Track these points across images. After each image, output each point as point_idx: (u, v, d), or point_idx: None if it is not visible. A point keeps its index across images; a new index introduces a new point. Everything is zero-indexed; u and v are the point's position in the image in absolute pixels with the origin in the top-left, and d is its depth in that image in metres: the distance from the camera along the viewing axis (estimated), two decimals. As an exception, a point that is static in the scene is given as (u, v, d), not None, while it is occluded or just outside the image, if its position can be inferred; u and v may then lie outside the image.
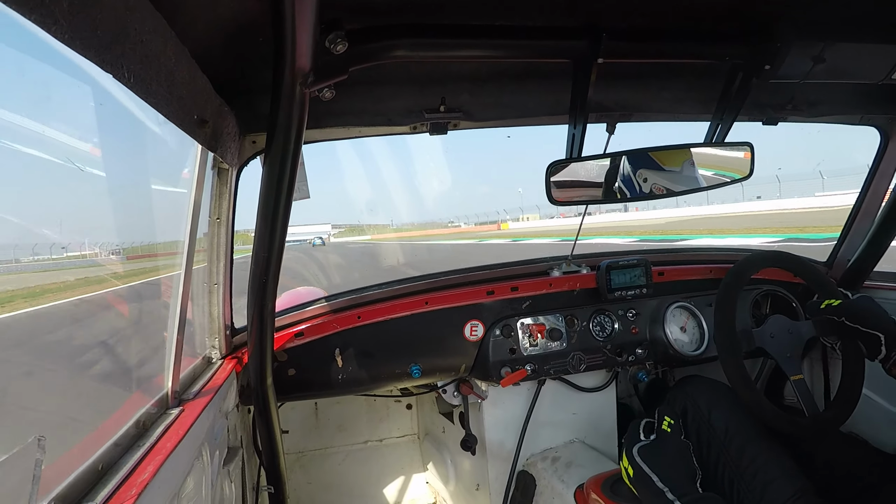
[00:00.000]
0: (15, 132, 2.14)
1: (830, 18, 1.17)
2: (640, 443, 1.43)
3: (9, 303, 8.44)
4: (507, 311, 1.82)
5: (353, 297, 1.80)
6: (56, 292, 10.00)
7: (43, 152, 2.54)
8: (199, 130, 1.01)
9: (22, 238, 12.09)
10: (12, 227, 6.71)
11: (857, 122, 1.77)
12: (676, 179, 1.42)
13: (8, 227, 6.45)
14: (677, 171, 1.41)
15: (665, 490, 1.28)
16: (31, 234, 15.04)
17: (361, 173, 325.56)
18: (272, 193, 1.07)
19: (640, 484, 1.35)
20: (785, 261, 1.71)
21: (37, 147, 2.83)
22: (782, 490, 1.25)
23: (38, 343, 5.76)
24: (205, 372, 1.44)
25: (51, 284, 10.69)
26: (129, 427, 0.99)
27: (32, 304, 8.54)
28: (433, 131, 1.45)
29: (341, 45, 0.90)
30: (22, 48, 0.93)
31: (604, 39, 1.10)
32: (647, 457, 1.37)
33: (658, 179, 1.41)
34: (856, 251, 1.95)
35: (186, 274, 1.23)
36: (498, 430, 1.93)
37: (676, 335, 1.81)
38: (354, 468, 2.42)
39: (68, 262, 11.72)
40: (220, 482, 1.31)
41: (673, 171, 1.42)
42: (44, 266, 11.50)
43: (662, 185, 1.42)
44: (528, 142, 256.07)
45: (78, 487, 0.79)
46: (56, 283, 10.81)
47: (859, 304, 1.39)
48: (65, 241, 11.11)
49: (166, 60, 0.77)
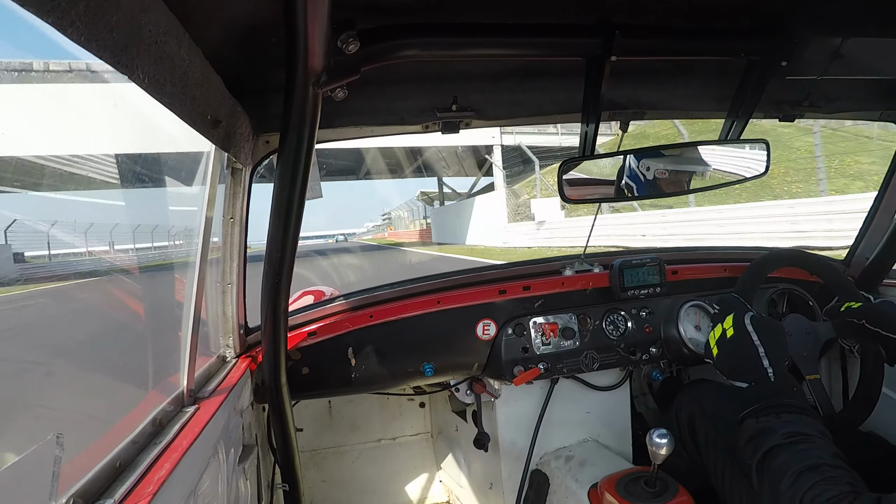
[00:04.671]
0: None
1: (848, 13, 1.15)
2: (751, 312, 1.29)
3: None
4: (519, 310, 1.82)
5: (366, 297, 1.81)
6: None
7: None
8: (212, 131, 1.01)
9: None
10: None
11: (876, 118, 1.73)
12: (690, 177, 1.40)
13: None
14: (691, 168, 1.40)
15: (762, 354, 1.17)
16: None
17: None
18: (285, 193, 1.07)
19: (734, 344, 1.23)
20: (803, 259, 1.68)
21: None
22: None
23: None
24: (219, 370, 1.46)
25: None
26: (145, 424, 1.00)
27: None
28: (445, 130, 1.45)
29: (353, 45, 0.91)
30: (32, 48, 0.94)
31: (617, 37, 1.09)
32: (759, 326, 1.24)
33: (671, 177, 1.40)
34: (875, 249, 1.91)
35: (200, 274, 1.24)
36: (511, 429, 1.92)
37: (691, 334, 1.80)
38: (368, 466, 2.43)
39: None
40: (235, 480, 1.32)
41: (687, 169, 1.40)
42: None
43: (676, 182, 1.41)
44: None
45: (96, 484, 0.80)
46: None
47: (880, 308, 1.37)
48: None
49: (180, 61, 0.78)
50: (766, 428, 1.05)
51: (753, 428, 1.07)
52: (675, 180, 1.40)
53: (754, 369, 1.15)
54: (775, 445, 1.00)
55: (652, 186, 1.38)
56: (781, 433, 1.02)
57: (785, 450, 0.99)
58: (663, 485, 1.42)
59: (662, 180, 1.38)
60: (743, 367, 1.18)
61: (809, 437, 1.00)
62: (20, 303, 10.10)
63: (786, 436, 1.01)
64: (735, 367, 1.20)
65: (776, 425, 1.04)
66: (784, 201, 10.61)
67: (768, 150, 1.41)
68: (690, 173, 1.40)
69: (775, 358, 1.16)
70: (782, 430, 1.02)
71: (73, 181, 12.18)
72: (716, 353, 1.27)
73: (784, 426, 1.03)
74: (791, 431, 1.01)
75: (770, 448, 1.01)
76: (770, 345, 1.18)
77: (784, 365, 1.18)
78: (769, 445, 1.01)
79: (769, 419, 1.06)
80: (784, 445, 0.99)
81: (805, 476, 0.92)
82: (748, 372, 1.16)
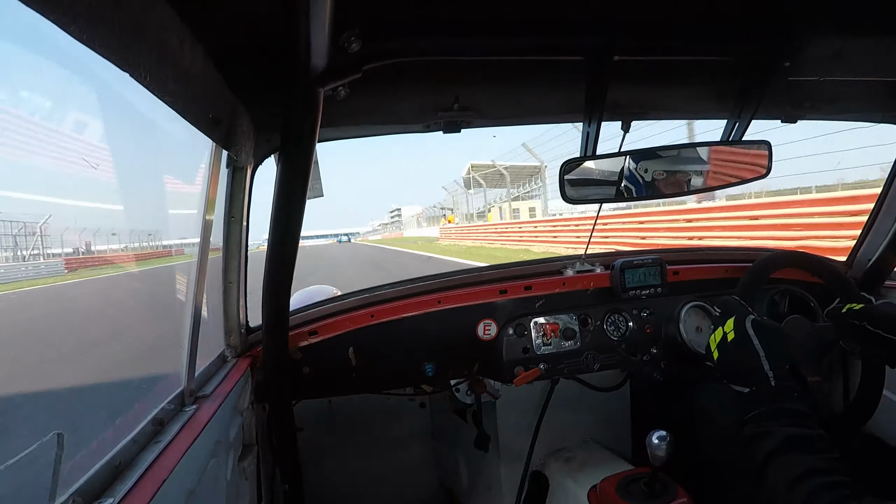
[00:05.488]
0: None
1: (850, 14, 1.15)
2: (752, 316, 1.27)
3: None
4: (520, 311, 1.82)
5: (366, 297, 1.81)
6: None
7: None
8: (214, 129, 1.01)
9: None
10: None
11: (878, 119, 1.73)
12: (692, 178, 1.40)
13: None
14: (693, 169, 1.40)
15: (763, 358, 1.15)
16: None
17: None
18: (286, 192, 1.07)
19: (735, 347, 1.22)
20: (804, 261, 1.68)
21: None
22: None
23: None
24: (220, 370, 1.46)
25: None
26: (145, 424, 1.00)
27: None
28: (446, 130, 1.45)
29: (355, 44, 0.91)
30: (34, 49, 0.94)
31: (619, 37, 1.09)
32: (760, 330, 1.23)
33: (673, 178, 1.39)
34: (876, 250, 1.91)
35: (201, 273, 1.24)
36: (511, 430, 1.92)
37: (692, 335, 1.79)
38: (368, 466, 2.43)
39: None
40: (235, 479, 1.32)
41: (688, 170, 1.40)
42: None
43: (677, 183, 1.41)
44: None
45: (97, 483, 0.80)
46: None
47: (882, 310, 1.36)
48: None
49: (182, 60, 0.78)
50: (767, 433, 1.04)
51: (753, 432, 1.07)
52: (676, 181, 1.40)
53: (755, 374, 1.15)
54: (775, 450, 1.00)
55: (653, 187, 1.38)
56: (781, 438, 1.01)
57: (785, 454, 0.99)
58: (662, 486, 1.42)
59: (663, 181, 1.38)
60: (743, 372, 1.17)
61: (810, 441, 0.99)
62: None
63: (786, 440, 1.00)
64: (735, 372, 1.20)
65: (776, 430, 1.04)
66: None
67: (770, 151, 1.41)
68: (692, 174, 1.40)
69: (776, 362, 1.15)
70: (782, 435, 1.02)
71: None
72: (716, 356, 1.26)
73: (784, 431, 1.03)
74: (791, 436, 1.01)
75: (770, 453, 1.01)
76: (771, 349, 1.18)
77: (785, 369, 1.17)
78: (769, 450, 1.01)
79: (769, 424, 1.06)
80: (784, 450, 0.99)
81: (805, 481, 0.92)
82: (748, 376, 1.16)
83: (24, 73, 16.40)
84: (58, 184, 14.75)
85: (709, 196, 12.42)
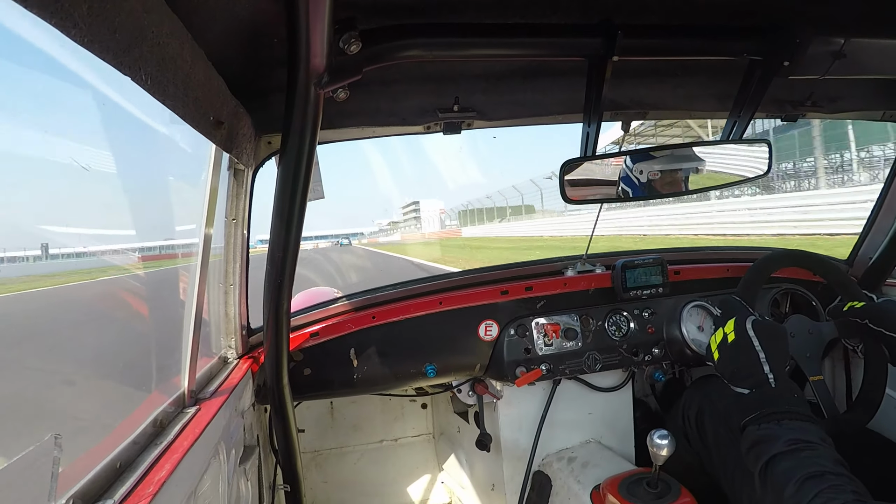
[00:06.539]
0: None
1: (850, 13, 1.15)
2: (753, 317, 1.28)
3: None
4: (521, 311, 1.82)
5: (368, 298, 1.81)
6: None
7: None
8: (214, 132, 1.01)
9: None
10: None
11: (879, 118, 1.73)
12: (692, 177, 1.40)
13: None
14: (693, 168, 1.40)
15: (763, 360, 1.16)
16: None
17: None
18: (287, 194, 1.07)
19: (735, 349, 1.22)
20: (805, 259, 1.68)
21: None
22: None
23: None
24: (221, 371, 1.46)
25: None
26: (146, 425, 1.00)
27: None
28: (447, 131, 1.45)
29: (355, 46, 0.90)
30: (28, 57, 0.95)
31: (619, 37, 1.08)
32: (760, 331, 1.23)
33: (673, 178, 1.39)
34: (878, 249, 1.91)
35: (202, 274, 1.25)
36: (513, 430, 1.92)
37: (693, 334, 1.79)
38: (370, 467, 2.43)
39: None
40: (236, 481, 1.32)
41: (689, 169, 1.40)
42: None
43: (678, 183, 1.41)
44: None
45: (97, 485, 0.80)
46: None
47: (883, 308, 1.36)
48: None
49: (183, 62, 0.78)
50: (768, 435, 1.04)
51: (755, 435, 1.07)
52: (677, 180, 1.40)
53: (755, 375, 1.15)
54: (778, 453, 1.00)
55: (653, 187, 1.38)
56: (783, 440, 1.01)
57: (787, 457, 0.98)
58: (665, 486, 1.41)
59: (663, 181, 1.38)
60: (744, 373, 1.17)
61: (812, 444, 0.99)
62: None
63: (788, 443, 1.00)
64: (736, 373, 1.19)
65: (778, 432, 1.04)
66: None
67: (770, 150, 1.41)
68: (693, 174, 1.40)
69: (776, 363, 1.15)
70: (784, 438, 1.01)
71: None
72: (717, 357, 1.26)
73: (786, 433, 1.02)
74: (793, 438, 1.01)
75: (773, 456, 1.00)
76: (771, 350, 1.18)
77: (785, 370, 1.17)
78: (771, 453, 1.01)
79: (771, 426, 1.05)
80: (786, 453, 0.99)
81: (808, 484, 0.92)
82: (749, 377, 1.16)
83: (25, 73, 16.43)
84: (58, 184, 14.77)
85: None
